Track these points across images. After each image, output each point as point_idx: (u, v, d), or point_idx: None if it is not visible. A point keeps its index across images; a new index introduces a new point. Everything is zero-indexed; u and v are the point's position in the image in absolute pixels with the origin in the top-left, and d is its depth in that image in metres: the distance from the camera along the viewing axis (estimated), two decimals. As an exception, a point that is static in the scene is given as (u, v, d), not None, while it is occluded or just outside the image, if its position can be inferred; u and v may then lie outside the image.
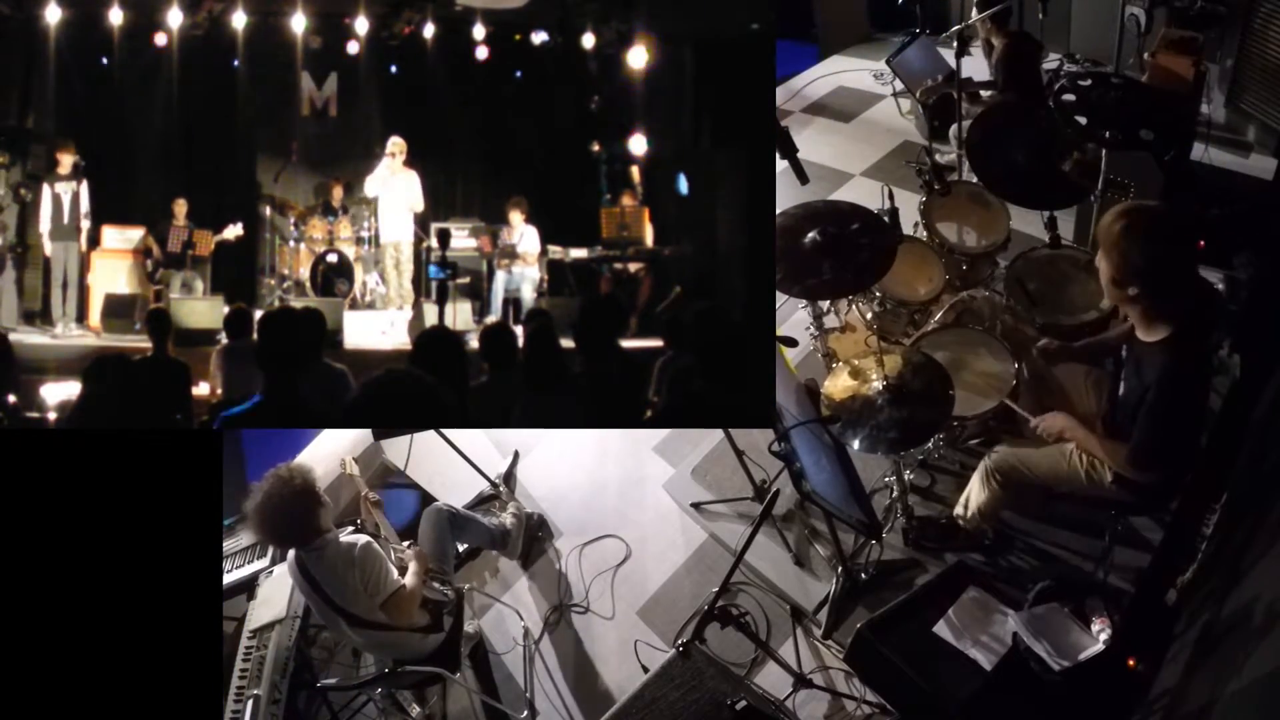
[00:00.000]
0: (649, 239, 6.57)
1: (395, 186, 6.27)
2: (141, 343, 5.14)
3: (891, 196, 3.63)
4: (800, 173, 3.60)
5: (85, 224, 5.90)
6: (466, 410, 3.08)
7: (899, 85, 6.12)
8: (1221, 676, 2.13)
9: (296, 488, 2.87)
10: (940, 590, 3.03)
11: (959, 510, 3.27)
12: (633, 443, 4.39)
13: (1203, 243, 3.55)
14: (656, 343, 4.32)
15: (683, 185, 6.67)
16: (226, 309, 4.85)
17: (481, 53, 6.60)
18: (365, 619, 2.91)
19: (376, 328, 5.93)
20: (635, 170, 6.76)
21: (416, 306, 6.16)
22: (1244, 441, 3.12)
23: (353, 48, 6.55)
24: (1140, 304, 2.55)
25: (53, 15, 5.88)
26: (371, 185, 6.29)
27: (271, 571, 3.62)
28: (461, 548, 3.89)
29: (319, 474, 3.04)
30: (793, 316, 4.60)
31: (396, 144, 6.21)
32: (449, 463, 4.26)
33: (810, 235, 3.36)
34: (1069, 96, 3.56)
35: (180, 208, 6.19)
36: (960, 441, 3.54)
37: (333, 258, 6.36)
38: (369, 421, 3.03)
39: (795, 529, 3.71)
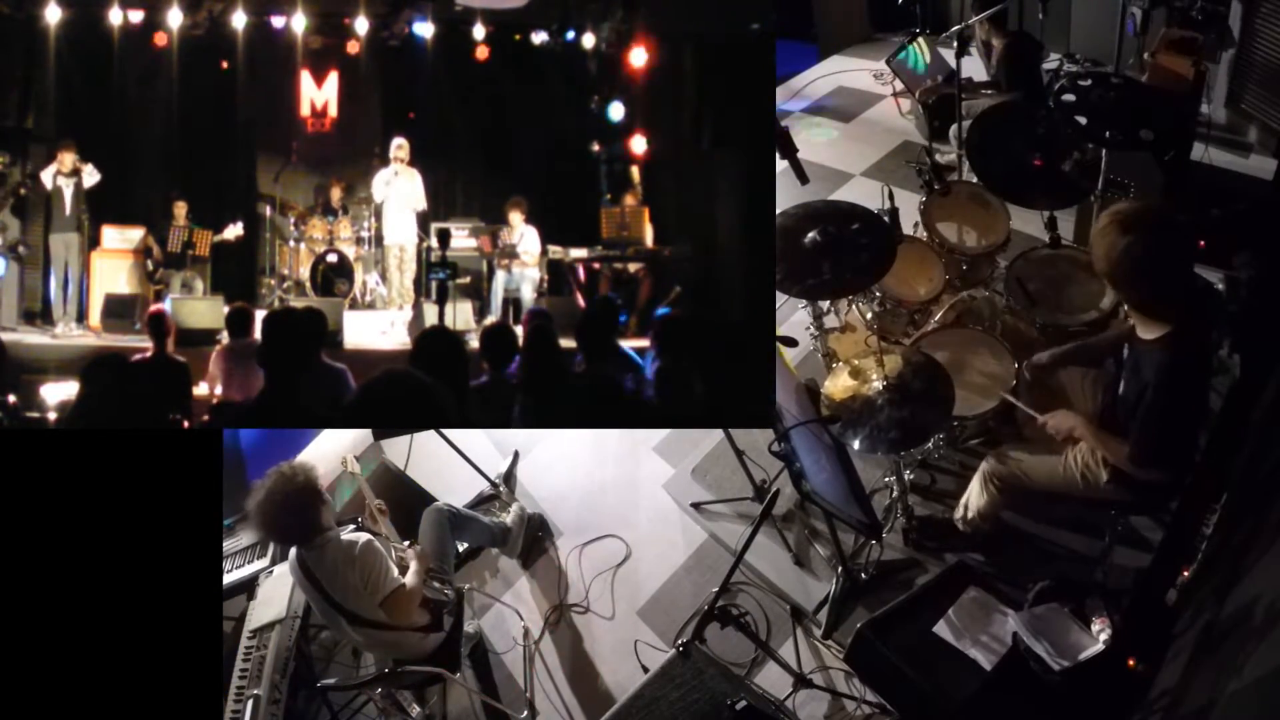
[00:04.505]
0: (649, 239, 6.57)
1: (400, 187, 6.28)
2: (141, 343, 5.14)
3: (891, 196, 3.64)
4: (800, 173, 3.61)
5: (85, 219, 5.91)
6: (466, 410, 3.09)
7: (899, 85, 6.12)
8: (1221, 676, 2.13)
9: (299, 485, 2.87)
10: (940, 590, 3.02)
11: (959, 513, 3.27)
12: (633, 443, 4.39)
13: (1203, 243, 3.57)
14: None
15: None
16: (226, 309, 4.85)
17: (481, 53, 6.60)
18: (365, 617, 2.91)
19: (376, 328, 5.93)
20: (635, 170, 6.76)
21: (416, 306, 6.16)
22: (1244, 441, 3.12)
23: (353, 48, 6.55)
24: (1138, 301, 2.55)
25: (53, 15, 5.89)
26: (378, 188, 6.29)
27: (271, 571, 3.62)
28: (462, 547, 3.89)
29: (319, 473, 3.04)
30: (793, 316, 4.60)
31: (401, 145, 6.22)
32: (449, 463, 4.27)
33: (810, 235, 3.36)
34: (1069, 96, 3.57)
35: (180, 209, 6.20)
36: (960, 441, 3.55)
37: (333, 258, 6.36)
38: (369, 421, 3.04)
39: (795, 529, 3.71)
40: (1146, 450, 2.60)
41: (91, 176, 5.86)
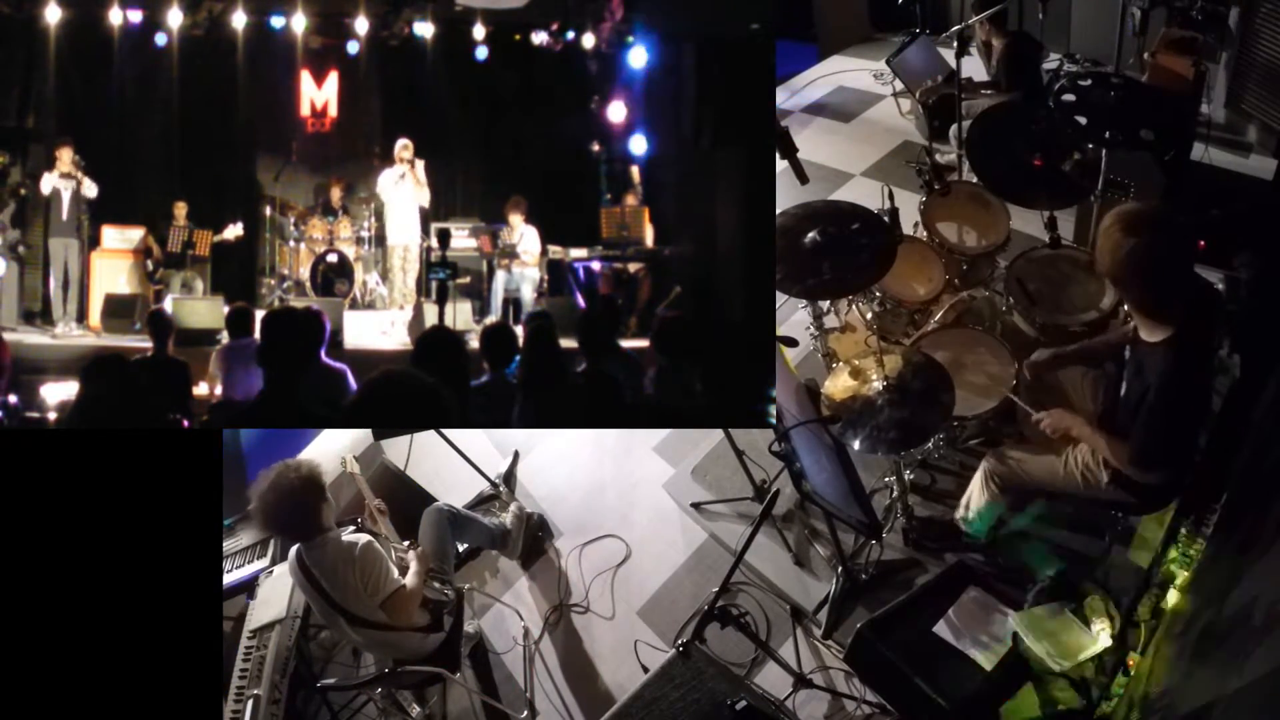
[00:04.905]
0: (649, 239, 6.57)
1: (406, 187, 6.29)
2: (141, 343, 5.14)
3: (891, 196, 3.63)
4: (800, 173, 3.61)
5: (85, 221, 5.91)
6: (466, 410, 3.09)
7: (899, 85, 6.12)
8: (1221, 676, 2.13)
9: (303, 476, 2.87)
10: (940, 590, 3.03)
11: (959, 513, 3.27)
12: (632, 443, 4.39)
13: (1203, 243, 3.57)
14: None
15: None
16: (226, 309, 4.85)
17: (481, 53, 6.61)
18: (365, 618, 2.91)
19: (376, 328, 5.94)
20: (635, 170, 6.77)
21: (416, 307, 6.17)
22: (1244, 441, 3.12)
23: (353, 48, 6.56)
24: (1140, 302, 2.55)
25: (53, 15, 5.89)
26: (385, 188, 6.29)
27: (271, 571, 3.62)
28: (462, 548, 3.89)
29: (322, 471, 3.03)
30: (793, 316, 4.60)
31: (406, 145, 6.22)
32: (449, 463, 4.27)
33: (810, 235, 3.36)
34: (1069, 96, 3.56)
35: (180, 209, 6.20)
36: (960, 441, 3.54)
37: (333, 258, 6.36)
38: (369, 421, 3.03)
39: (795, 529, 3.71)
40: (1148, 453, 2.60)
41: (90, 190, 5.86)
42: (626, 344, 4.00)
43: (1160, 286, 2.49)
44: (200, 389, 4.28)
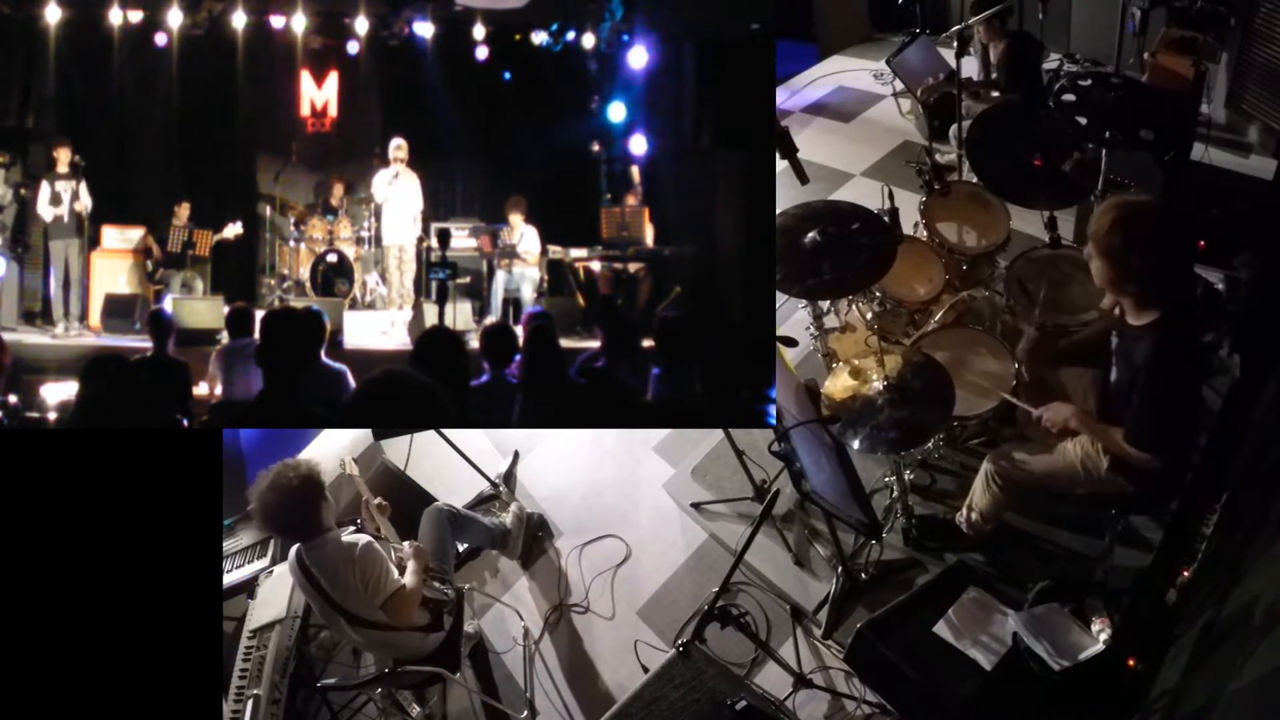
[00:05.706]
0: (649, 239, 6.57)
1: (399, 188, 6.29)
2: (141, 343, 5.14)
3: (891, 196, 3.63)
4: (800, 173, 3.61)
5: (85, 221, 5.91)
6: (466, 410, 3.09)
7: (899, 85, 6.12)
8: (1221, 676, 2.13)
9: (303, 476, 2.87)
10: (940, 590, 3.03)
11: (962, 514, 3.27)
12: (632, 443, 4.39)
13: (1203, 243, 3.57)
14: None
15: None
16: (226, 309, 4.85)
17: (481, 53, 6.61)
18: (365, 618, 2.91)
19: (376, 328, 5.94)
20: (635, 170, 6.77)
21: (416, 306, 6.17)
22: (1244, 441, 3.12)
23: (353, 48, 6.56)
24: (1132, 292, 2.56)
25: (53, 15, 5.89)
26: (379, 188, 6.29)
27: (271, 571, 3.62)
28: (462, 547, 3.89)
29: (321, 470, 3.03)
30: (793, 316, 4.60)
31: (400, 145, 6.22)
32: (449, 463, 4.27)
33: (810, 235, 3.36)
34: (1069, 96, 3.57)
35: (183, 210, 6.20)
36: (960, 441, 3.54)
37: (333, 258, 6.36)
38: (366, 422, 3.04)
39: (795, 529, 3.71)
40: (1142, 432, 2.60)
41: (85, 201, 5.85)
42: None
43: (1156, 278, 2.49)
44: (200, 389, 4.27)
